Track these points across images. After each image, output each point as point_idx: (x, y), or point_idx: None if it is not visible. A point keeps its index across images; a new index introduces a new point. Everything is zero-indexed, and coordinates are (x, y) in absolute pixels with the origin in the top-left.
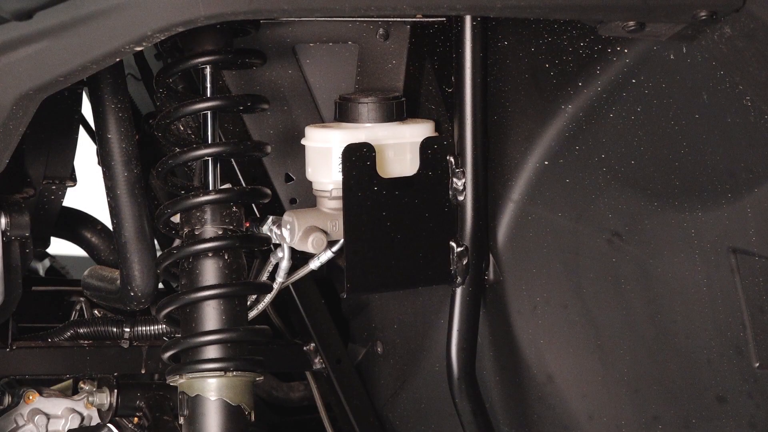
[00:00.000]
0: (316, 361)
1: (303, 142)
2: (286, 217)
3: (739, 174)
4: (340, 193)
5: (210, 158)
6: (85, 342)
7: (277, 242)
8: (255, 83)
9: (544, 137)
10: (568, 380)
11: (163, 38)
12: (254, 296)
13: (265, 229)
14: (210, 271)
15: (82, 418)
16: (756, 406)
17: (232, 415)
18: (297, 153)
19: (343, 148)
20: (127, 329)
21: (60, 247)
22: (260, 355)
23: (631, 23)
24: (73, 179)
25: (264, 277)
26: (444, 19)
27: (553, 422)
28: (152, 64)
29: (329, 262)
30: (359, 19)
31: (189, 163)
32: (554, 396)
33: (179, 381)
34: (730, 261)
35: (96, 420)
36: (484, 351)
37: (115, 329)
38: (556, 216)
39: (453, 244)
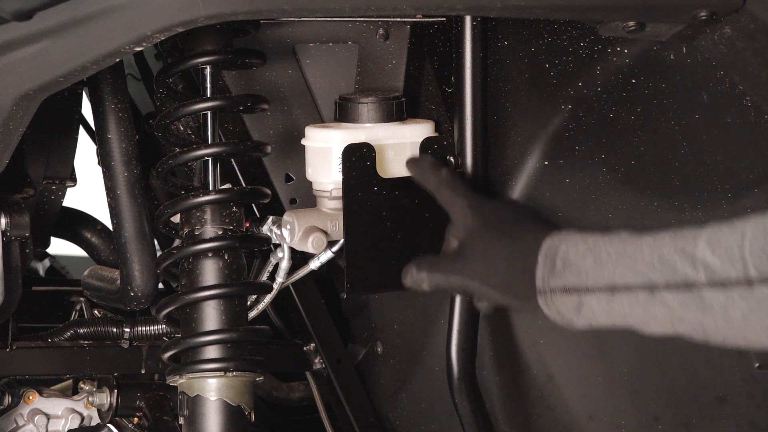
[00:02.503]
0: (316, 361)
1: (303, 142)
2: (286, 217)
3: (739, 174)
4: (340, 193)
5: (210, 158)
6: (85, 342)
7: (277, 242)
8: (255, 83)
9: (544, 137)
10: (568, 380)
11: (163, 38)
12: (254, 296)
13: (265, 229)
14: (210, 271)
15: (82, 418)
16: (756, 407)
17: (232, 415)
18: (297, 153)
19: (343, 148)
20: (127, 329)
21: (60, 247)
22: (260, 355)
23: (631, 23)
24: (73, 179)
25: (264, 277)
26: (444, 19)
27: (553, 422)
28: (152, 64)
29: (329, 262)
30: (359, 19)
31: (189, 163)
32: (554, 396)
33: (179, 381)
34: None
35: (96, 420)
36: (484, 351)
37: (115, 329)
38: (556, 216)
39: None
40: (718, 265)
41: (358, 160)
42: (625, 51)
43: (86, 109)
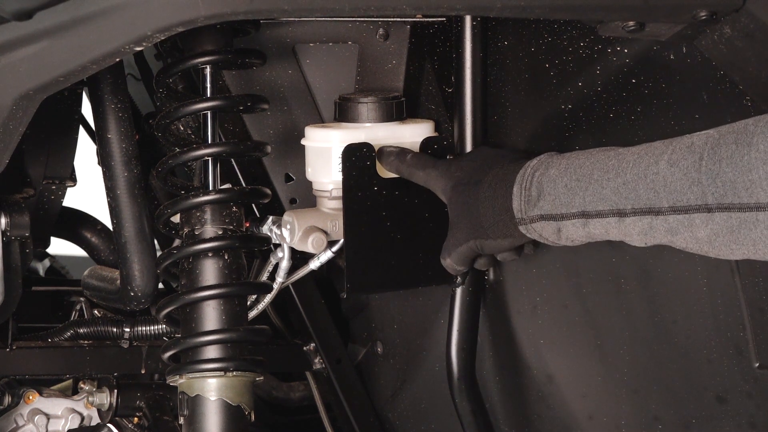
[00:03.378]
0: (316, 361)
1: (303, 142)
2: (286, 217)
3: None
4: (340, 193)
5: (210, 158)
6: (85, 342)
7: (277, 242)
8: (255, 83)
9: (544, 137)
10: (568, 380)
11: (163, 38)
12: (254, 296)
13: (265, 229)
14: (210, 271)
15: (82, 418)
16: (756, 406)
17: (232, 415)
18: (297, 153)
19: (342, 148)
20: (127, 329)
21: (60, 247)
22: (260, 355)
23: (631, 23)
24: (73, 179)
25: (264, 277)
26: (444, 19)
27: (553, 422)
28: (152, 64)
29: (329, 262)
30: (359, 19)
31: (189, 163)
32: (554, 396)
33: (179, 381)
34: (730, 261)
35: (96, 420)
36: (484, 351)
37: (115, 329)
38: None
39: None
40: (678, 189)
41: (358, 159)
42: (625, 51)
43: (86, 109)
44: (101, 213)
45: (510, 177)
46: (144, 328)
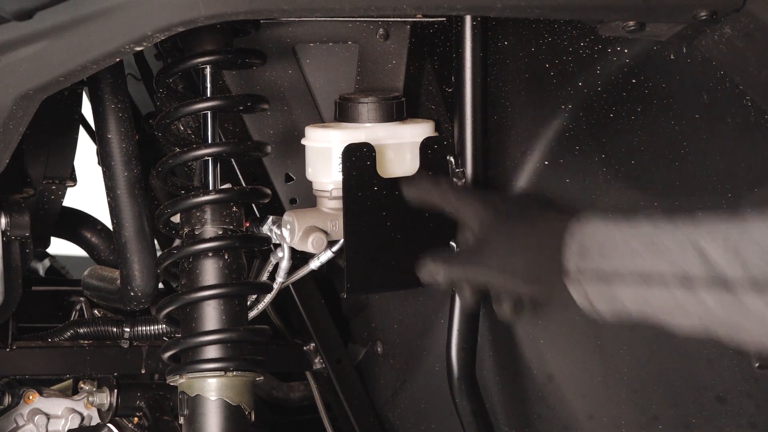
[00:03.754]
0: (316, 361)
1: (303, 142)
2: (286, 217)
3: (739, 174)
4: (340, 193)
5: (210, 158)
6: (85, 342)
7: (277, 242)
8: (255, 83)
9: (544, 137)
10: (568, 380)
11: (163, 38)
12: (254, 296)
13: (265, 229)
14: (210, 271)
15: (82, 418)
16: (756, 406)
17: (232, 415)
18: (297, 153)
19: (343, 148)
20: (127, 329)
21: (60, 247)
22: (260, 355)
23: (631, 23)
24: (73, 179)
25: (264, 277)
26: (444, 19)
27: (553, 422)
28: (152, 64)
29: (329, 262)
30: (359, 19)
31: (189, 163)
32: (554, 396)
33: (179, 381)
34: None
35: (96, 420)
36: (484, 351)
37: (115, 329)
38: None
39: (453, 244)
40: (754, 264)
41: (358, 159)
42: (625, 51)
43: (86, 109)
44: (101, 213)
45: (563, 224)
46: (144, 328)
